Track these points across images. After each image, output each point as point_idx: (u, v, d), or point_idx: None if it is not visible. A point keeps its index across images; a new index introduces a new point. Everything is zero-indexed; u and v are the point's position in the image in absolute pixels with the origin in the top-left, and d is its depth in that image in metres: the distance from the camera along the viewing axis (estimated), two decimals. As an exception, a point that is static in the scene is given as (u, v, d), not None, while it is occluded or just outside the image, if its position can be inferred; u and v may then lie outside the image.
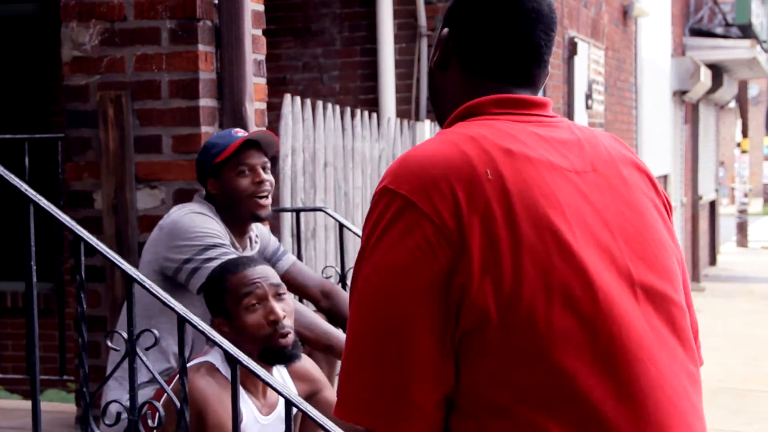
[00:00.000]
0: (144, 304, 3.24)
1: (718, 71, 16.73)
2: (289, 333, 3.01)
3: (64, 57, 4.29)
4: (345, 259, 4.46)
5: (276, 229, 4.46)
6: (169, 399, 2.81)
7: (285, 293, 3.10)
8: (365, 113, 5.67)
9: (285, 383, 3.07)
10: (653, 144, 12.68)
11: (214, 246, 3.36)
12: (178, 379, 2.84)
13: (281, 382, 3.01)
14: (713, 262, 18.78)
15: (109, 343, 2.97)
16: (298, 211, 4.56)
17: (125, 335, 2.89)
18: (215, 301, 3.08)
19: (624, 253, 1.64)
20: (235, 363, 2.75)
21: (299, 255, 4.43)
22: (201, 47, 4.15)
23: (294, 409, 2.74)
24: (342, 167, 5.36)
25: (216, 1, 4.19)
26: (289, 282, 3.71)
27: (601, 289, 1.59)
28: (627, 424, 1.57)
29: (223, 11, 4.19)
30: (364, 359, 1.57)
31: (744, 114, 24.52)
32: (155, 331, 2.84)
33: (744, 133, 25.55)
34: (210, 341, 2.88)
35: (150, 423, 2.81)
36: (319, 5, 7.62)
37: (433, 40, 7.37)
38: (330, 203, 5.18)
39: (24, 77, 8.15)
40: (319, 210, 4.68)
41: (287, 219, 4.74)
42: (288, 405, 2.75)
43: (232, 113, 4.17)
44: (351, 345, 1.59)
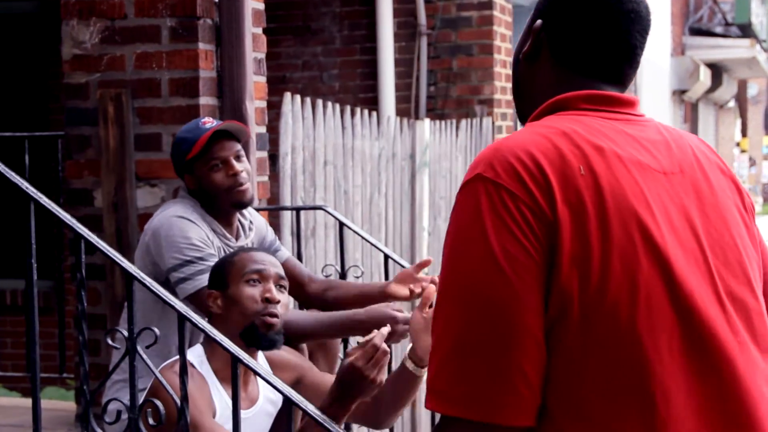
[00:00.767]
0: (144, 309, 3.24)
1: (717, 71, 16.74)
2: (278, 318, 3.03)
3: (64, 55, 4.29)
4: (345, 258, 4.46)
5: (276, 228, 4.46)
6: (163, 397, 2.81)
7: (286, 287, 3.13)
8: (365, 112, 5.67)
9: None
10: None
11: (190, 262, 3.34)
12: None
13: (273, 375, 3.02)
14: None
15: (110, 341, 2.97)
16: (298, 210, 4.56)
17: (125, 333, 2.89)
18: (217, 273, 3.12)
19: (708, 258, 1.64)
20: (237, 362, 2.75)
21: (299, 253, 4.43)
22: (201, 45, 4.15)
23: (280, 401, 2.73)
24: (342, 166, 5.36)
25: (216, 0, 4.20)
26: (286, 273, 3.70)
27: (687, 293, 1.59)
28: (707, 428, 1.57)
29: (224, 9, 4.19)
30: (465, 347, 1.54)
31: (743, 113, 24.55)
32: (155, 330, 2.84)
33: (743, 133, 25.56)
34: (209, 338, 2.89)
35: (150, 421, 2.81)
36: (319, 4, 7.62)
37: (433, 38, 7.38)
38: (330, 202, 5.18)
39: (23, 75, 8.15)
40: (319, 208, 4.68)
41: (287, 217, 4.74)
42: (288, 404, 2.75)
43: (232, 111, 4.18)
44: (451, 335, 1.56)
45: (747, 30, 16.24)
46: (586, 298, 1.54)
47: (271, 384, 2.78)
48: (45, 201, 3.06)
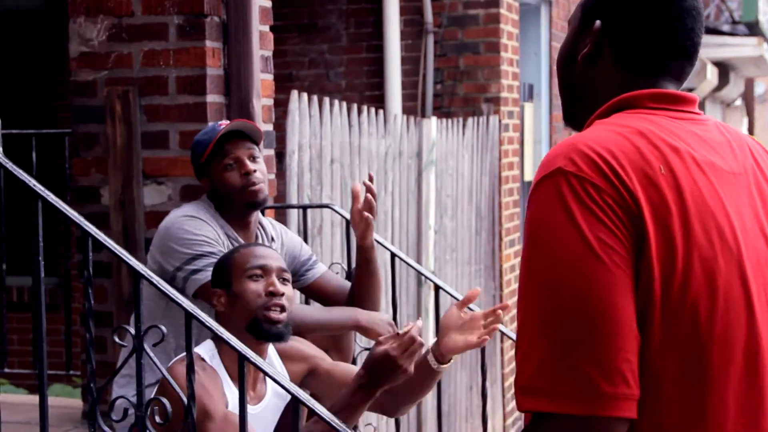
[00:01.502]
0: (148, 307, 3.24)
1: (724, 69, 16.70)
2: (283, 311, 3.03)
3: (71, 52, 4.29)
4: (351, 256, 4.46)
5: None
6: (171, 393, 2.82)
7: (289, 280, 3.14)
8: (372, 110, 5.67)
9: (281, 373, 3.08)
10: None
11: (201, 255, 3.34)
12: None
13: (281, 372, 3.02)
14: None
15: (116, 339, 2.97)
16: (304, 208, 4.55)
17: (132, 331, 2.89)
18: (219, 272, 3.12)
19: None
20: (243, 359, 2.75)
21: (305, 251, 4.43)
22: (208, 43, 4.15)
23: (288, 395, 2.74)
24: (348, 164, 5.36)
25: (223, -3, 4.20)
26: (322, 290, 3.70)
27: (755, 298, 1.60)
28: None
29: (231, 7, 4.19)
30: (568, 340, 1.50)
31: (750, 112, 24.50)
32: (162, 327, 2.84)
33: (750, 131, 25.53)
34: (216, 337, 2.89)
35: (157, 419, 2.81)
36: (326, 1, 7.62)
37: (439, 36, 7.38)
38: (336, 200, 5.18)
39: (30, 72, 8.16)
40: (326, 207, 4.67)
41: (294, 215, 4.73)
42: (295, 402, 2.75)
43: (239, 109, 4.18)
44: (548, 329, 1.51)
45: (754, 28, 16.19)
46: (668, 296, 1.53)
47: (278, 383, 2.79)
48: (52, 198, 3.06)
